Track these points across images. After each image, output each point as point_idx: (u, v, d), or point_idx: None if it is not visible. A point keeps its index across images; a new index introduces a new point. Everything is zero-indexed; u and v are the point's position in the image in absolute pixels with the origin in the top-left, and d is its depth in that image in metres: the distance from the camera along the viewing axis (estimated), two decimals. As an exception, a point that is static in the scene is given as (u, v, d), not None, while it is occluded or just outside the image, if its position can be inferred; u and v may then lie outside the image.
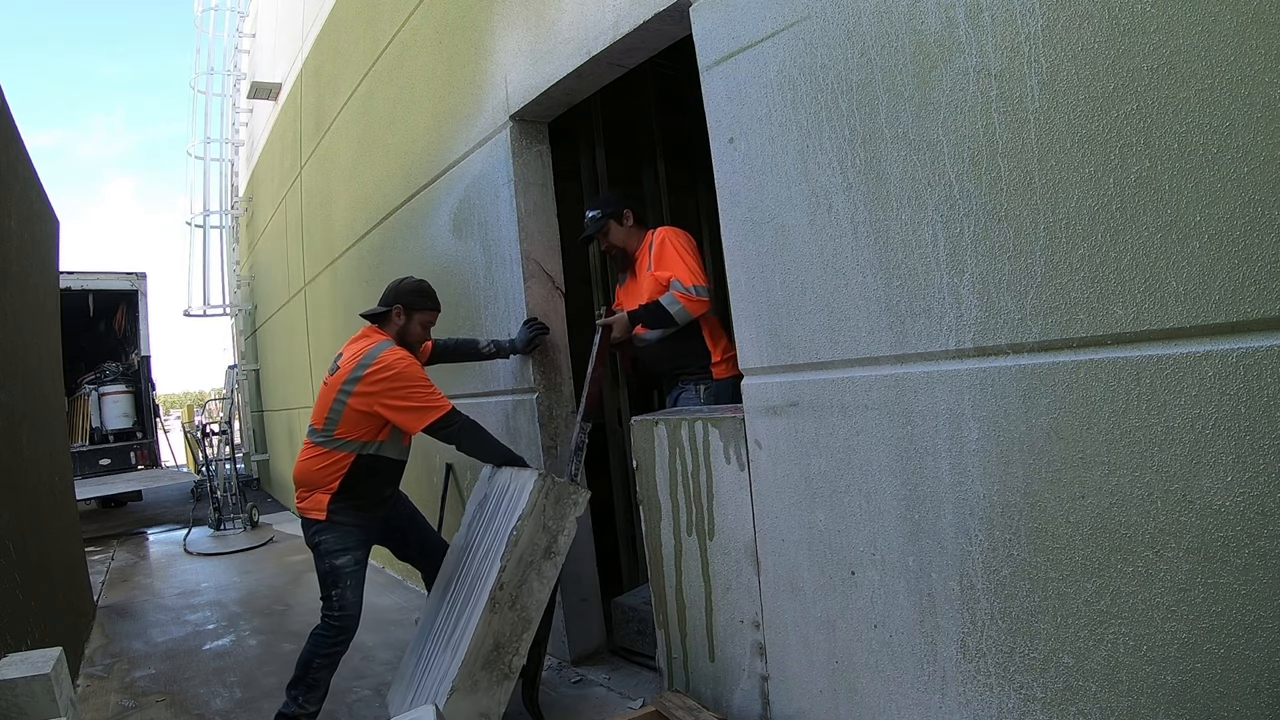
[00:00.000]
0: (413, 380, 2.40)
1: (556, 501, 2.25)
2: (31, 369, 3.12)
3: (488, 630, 2.12)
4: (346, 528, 2.43)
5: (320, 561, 2.43)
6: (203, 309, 9.55)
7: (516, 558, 2.17)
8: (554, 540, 2.24)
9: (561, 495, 2.26)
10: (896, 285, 1.57)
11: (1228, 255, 1.12)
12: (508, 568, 2.15)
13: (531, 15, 2.73)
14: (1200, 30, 1.12)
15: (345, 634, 2.39)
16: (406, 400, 2.38)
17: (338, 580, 2.39)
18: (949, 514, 1.51)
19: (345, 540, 2.42)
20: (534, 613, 2.19)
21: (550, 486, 2.24)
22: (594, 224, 2.80)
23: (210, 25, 9.41)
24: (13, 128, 3.01)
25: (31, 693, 1.42)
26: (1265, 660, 1.11)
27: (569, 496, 2.27)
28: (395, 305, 2.59)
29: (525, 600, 2.18)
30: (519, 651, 2.16)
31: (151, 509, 8.62)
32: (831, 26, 1.65)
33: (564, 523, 2.26)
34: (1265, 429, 1.09)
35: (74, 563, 3.76)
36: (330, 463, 2.44)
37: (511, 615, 2.16)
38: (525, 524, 2.19)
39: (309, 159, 5.77)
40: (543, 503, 2.22)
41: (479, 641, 2.10)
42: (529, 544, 2.19)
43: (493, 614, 2.13)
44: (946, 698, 1.55)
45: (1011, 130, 1.35)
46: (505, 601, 2.15)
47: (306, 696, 2.36)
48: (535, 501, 2.20)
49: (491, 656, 2.12)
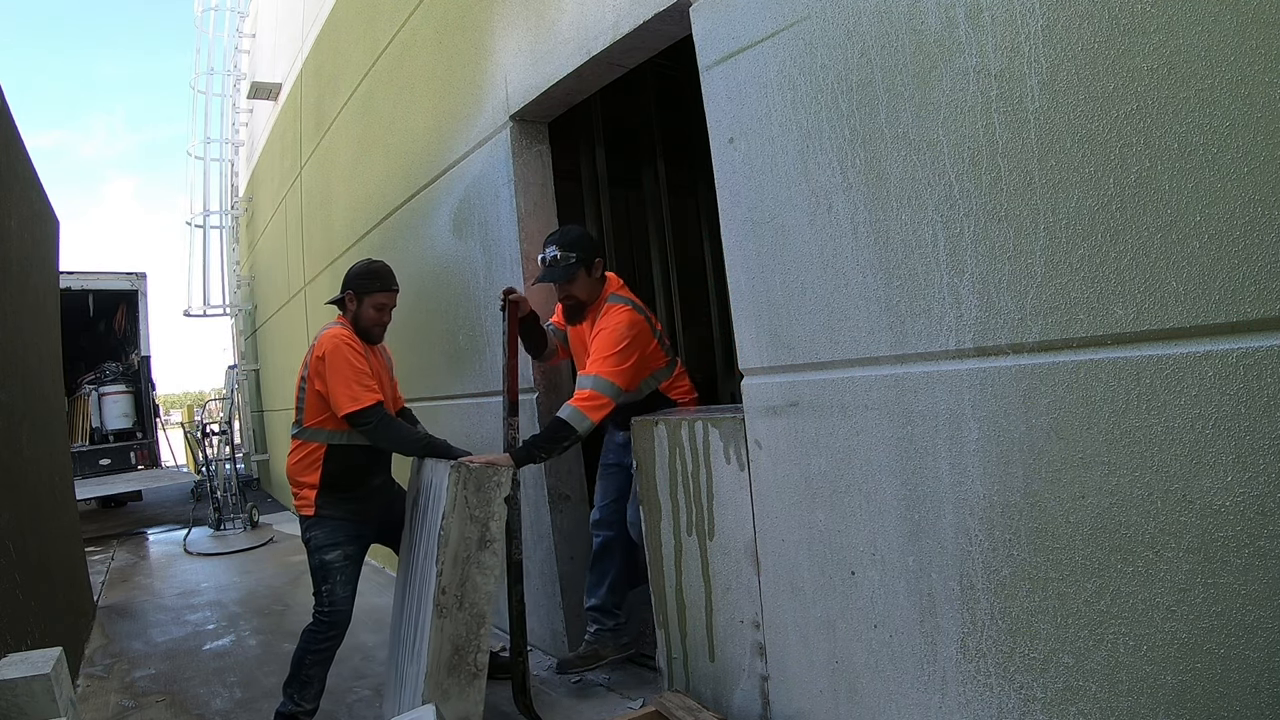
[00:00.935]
0: (339, 365, 2.34)
1: (478, 489, 2.13)
2: (31, 369, 3.12)
3: (442, 637, 2.05)
4: (336, 522, 2.41)
5: (311, 557, 2.42)
6: (203, 309, 9.55)
7: (451, 557, 2.08)
8: (486, 529, 2.13)
9: (481, 481, 2.14)
10: (896, 285, 1.57)
11: (1228, 255, 1.12)
12: (445, 570, 2.06)
13: (531, 15, 2.73)
14: (1200, 30, 1.12)
15: (335, 630, 2.38)
16: (333, 384, 2.33)
17: (327, 576, 2.38)
18: (949, 514, 1.51)
19: (334, 535, 2.40)
20: (485, 606, 2.12)
21: (466, 476, 2.12)
22: (564, 270, 2.42)
23: (210, 25, 9.41)
24: (13, 128, 3.01)
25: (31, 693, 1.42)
26: (1265, 660, 1.11)
27: (490, 480, 2.15)
28: (346, 291, 2.55)
29: (472, 597, 2.10)
30: (480, 648, 2.10)
31: (151, 509, 8.62)
32: (831, 27, 1.65)
33: (491, 508, 2.14)
34: (1265, 429, 1.09)
35: (74, 563, 3.76)
36: (306, 454, 2.43)
37: (462, 615, 2.09)
38: (450, 521, 2.09)
39: (309, 159, 5.77)
40: (463, 494, 2.11)
41: (437, 650, 2.04)
42: (460, 540, 2.10)
43: (442, 619, 2.06)
44: (946, 698, 1.55)
45: (1011, 130, 1.35)
46: (451, 604, 2.07)
47: (301, 694, 2.36)
48: (455, 495, 2.09)
49: (454, 661, 2.06)
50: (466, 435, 3.43)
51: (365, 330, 2.53)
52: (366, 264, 2.61)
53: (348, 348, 2.39)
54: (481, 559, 2.12)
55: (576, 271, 2.43)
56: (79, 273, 8.46)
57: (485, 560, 2.13)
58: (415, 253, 3.81)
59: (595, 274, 2.49)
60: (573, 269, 2.42)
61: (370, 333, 2.55)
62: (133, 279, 8.84)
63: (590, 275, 2.47)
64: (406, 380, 4.03)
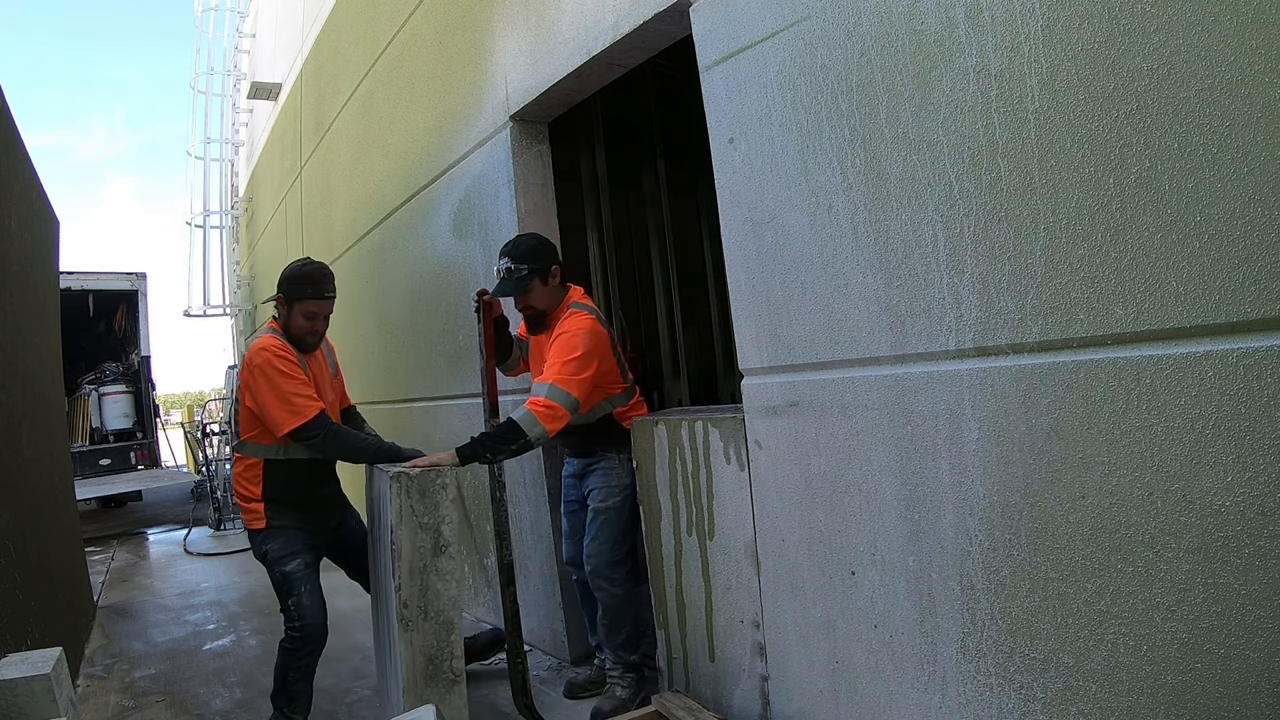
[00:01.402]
0: (271, 381, 2.18)
1: (422, 495, 2.06)
2: (31, 369, 3.12)
3: (413, 650, 2.02)
4: (290, 531, 2.31)
5: (271, 570, 2.31)
6: (203, 309, 9.54)
7: (406, 570, 2.03)
8: (438, 534, 2.07)
9: (426, 487, 2.07)
10: (896, 285, 1.57)
11: (1228, 255, 1.12)
12: (403, 585, 2.03)
13: (531, 15, 2.73)
14: (1200, 30, 1.12)
15: (311, 643, 2.28)
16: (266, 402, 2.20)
17: (291, 588, 2.27)
18: (949, 514, 1.51)
19: (291, 544, 2.30)
20: (450, 612, 2.07)
21: (408, 484, 2.05)
22: (515, 284, 2.34)
23: (210, 25, 9.40)
24: (13, 128, 3.01)
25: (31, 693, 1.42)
26: (1265, 660, 1.11)
27: (434, 484, 2.08)
28: (278, 294, 2.36)
29: (436, 605, 2.05)
30: (454, 654, 2.06)
31: (151, 509, 8.62)
32: (831, 27, 1.65)
33: (440, 512, 2.08)
34: (1265, 429, 1.09)
35: (74, 563, 3.76)
36: (244, 468, 2.33)
37: (429, 625, 2.04)
38: (400, 534, 2.04)
39: (309, 159, 5.77)
40: (408, 503, 2.05)
41: (410, 663, 2.02)
42: (413, 551, 2.05)
43: (409, 633, 2.02)
44: (946, 698, 1.55)
45: (1011, 130, 1.35)
46: (416, 617, 2.03)
47: (292, 706, 2.31)
48: (400, 506, 2.04)
49: (429, 672, 2.03)
50: (467, 435, 3.43)
51: (297, 340, 2.34)
52: (299, 266, 2.38)
53: (279, 359, 2.22)
54: (439, 565, 2.06)
55: (530, 283, 2.35)
56: (79, 273, 8.45)
57: (443, 566, 2.06)
58: (415, 253, 3.81)
59: (552, 282, 2.40)
60: (525, 281, 2.34)
61: (302, 342, 2.35)
62: (133, 279, 8.84)
63: (546, 284, 2.38)
64: (407, 380, 4.04)
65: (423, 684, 2.02)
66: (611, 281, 3.96)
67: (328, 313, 2.40)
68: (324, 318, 2.39)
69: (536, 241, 2.44)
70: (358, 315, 4.67)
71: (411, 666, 2.02)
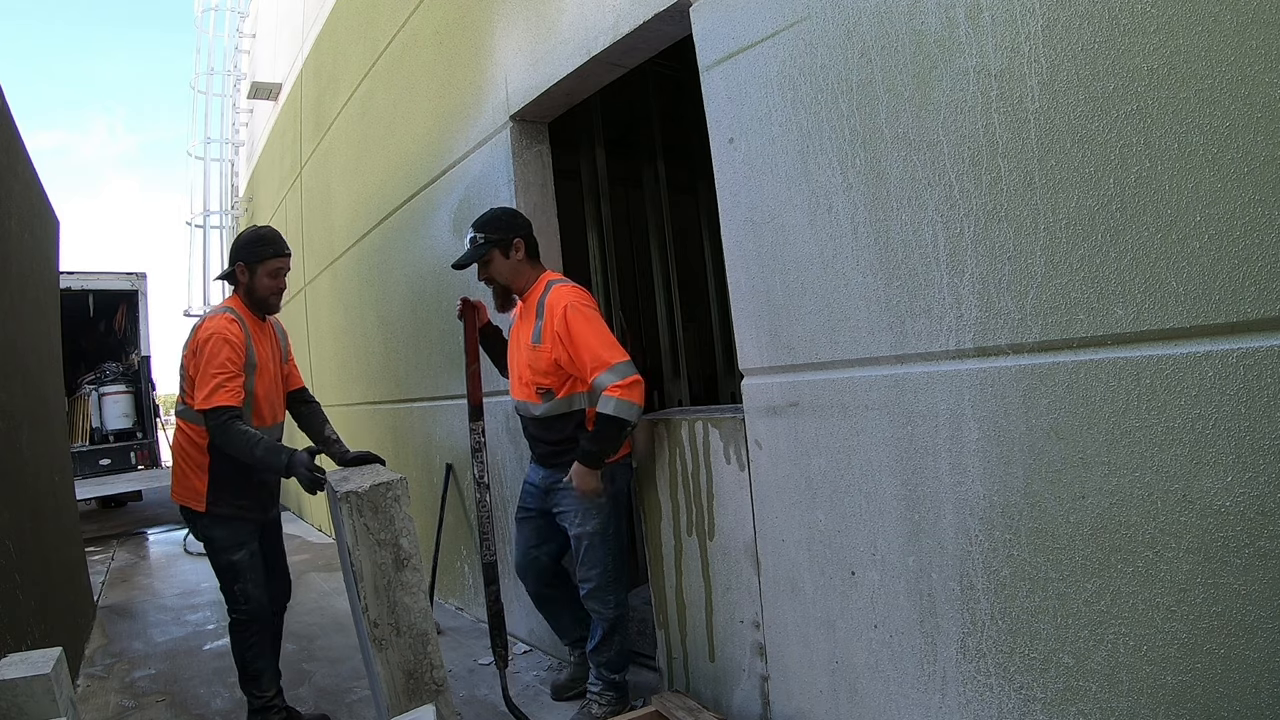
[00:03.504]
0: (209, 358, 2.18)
1: (375, 512, 2.00)
2: (31, 369, 3.12)
3: (390, 668, 2.00)
4: (233, 522, 2.32)
5: (216, 556, 2.33)
6: (203, 309, 9.54)
7: (371, 589, 1.99)
8: (398, 548, 2.02)
9: (378, 503, 2.01)
10: (896, 285, 1.57)
11: (1228, 255, 1.12)
12: (369, 606, 1.99)
13: (531, 15, 2.73)
14: (1200, 30, 1.12)
15: (259, 622, 2.35)
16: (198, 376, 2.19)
17: (238, 576, 2.32)
18: (949, 514, 1.51)
19: (237, 535, 2.32)
20: (423, 624, 2.03)
21: (358, 502, 1.99)
22: (473, 253, 2.30)
23: (210, 25, 9.40)
24: (13, 128, 3.01)
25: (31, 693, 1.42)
26: (1265, 660, 1.11)
27: (385, 497, 2.02)
28: (236, 264, 2.36)
29: (407, 619, 2.01)
30: (434, 664, 2.02)
31: (151, 509, 8.61)
32: (831, 27, 1.65)
33: (396, 525, 2.02)
34: (1265, 429, 1.09)
35: (74, 563, 3.75)
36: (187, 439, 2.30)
37: (403, 641, 2.00)
38: (358, 554, 2.00)
39: (309, 159, 5.77)
40: (360, 522, 2.00)
41: (390, 680, 2.00)
42: (374, 569, 2.01)
43: (384, 652, 1.99)
44: (946, 698, 1.55)
45: (1011, 130, 1.35)
46: (388, 634, 2.00)
47: (260, 686, 2.36)
48: (353, 526, 1.99)
49: (410, 686, 2.00)
50: (467, 435, 3.44)
51: (262, 300, 2.36)
52: (253, 232, 2.40)
53: (224, 343, 2.21)
54: (403, 579, 2.01)
55: (488, 252, 2.29)
56: (79, 273, 8.46)
57: (407, 579, 2.02)
58: (415, 253, 3.81)
59: (514, 255, 2.30)
60: (482, 249, 2.29)
61: (268, 302, 2.38)
62: (133, 279, 8.85)
63: (508, 257, 2.30)
64: (407, 380, 4.04)
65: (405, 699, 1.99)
66: (611, 281, 3.96)
67: (288, 269, 2.43)
68: (284, 274, 2.41)
69: (502, 212, 2.38)
70: (359, 315, 4.67)
71: (392, 684, 2.00)
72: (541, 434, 2.34)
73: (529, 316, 2.30)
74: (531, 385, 2.28)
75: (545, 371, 2.23)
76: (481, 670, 2.89)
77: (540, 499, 2.43)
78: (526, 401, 2.33)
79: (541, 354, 2.22)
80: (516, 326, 2.39)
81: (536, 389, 2.27)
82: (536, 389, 2.27)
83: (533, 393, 2.29)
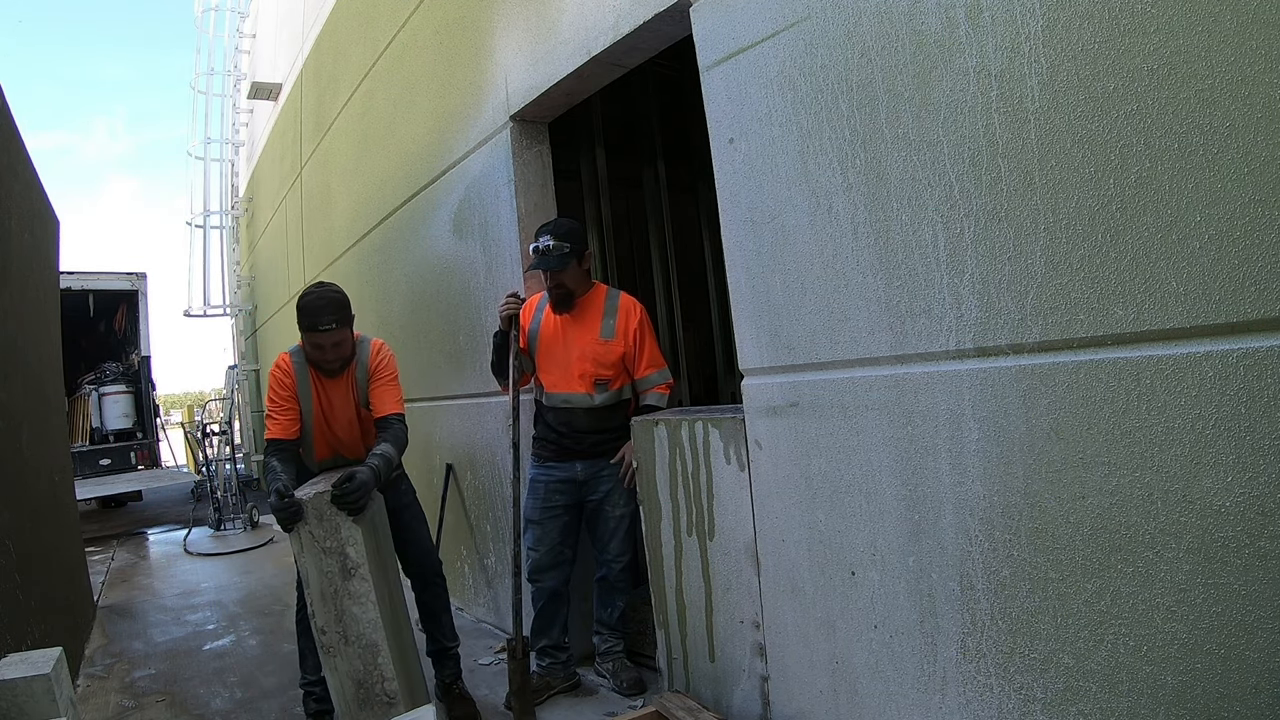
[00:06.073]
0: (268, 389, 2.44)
1: (319, 520, 1.99)
2: (31, 369, 3.12)
3: (340, 677, 1.99)
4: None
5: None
6: (203, 309, 9.54)
7: (317, 596, 1.99)
8: (344, 557, 2.00)
9: (322, 510, 1.99)
10: (896, 285, 1.57)
11: (1228, 255, 1.12)
12: (316, 613, 1.99)
13: (531, 15, 2.73)
14: (1200, 30, 1.12)
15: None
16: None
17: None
18: (949, 514, 1.51)
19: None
20: (372, 634, 2.00)
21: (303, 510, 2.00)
22: (558, 259, 2.43)
23: (210, 25, 9.41)
24: (13, 128, 3.01)
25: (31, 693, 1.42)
26: (1265, 660, 1.11)
27: (329, 506, 2.00)
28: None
29: (356, 629, 1.99)
30: (385, 676, 2.01)
31: (151, 509, 8.62)
32: (832, 27, 1.65)
33: (341, 534, 2.00)
34: (1265, 429, 1.09)
35: (74, 563, 3.76)
36: None
37: (351, 650, 1.99)
38: (303, 561, 1.99)
39: (309, 159, 5.77)
40: (305, 530, 1.99)
41: (340, 690, 1.99)
42: (320, 578, 1.99)
43: (333, 659, 1.99)
44: (946, 698, 1.55)
45: (1011, 130, 1.35)
46: (335, 643, 1.99)
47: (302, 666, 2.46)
48: (298, 533, 1.99)
49: (361, 697, 1.99)
50: (467, 435, 3.44)
51: (313, 364, 2.37)
52: (301, 295, 2.31)
53: (272, 378, 2.39)
54: (350, 589, 1.99)
55: (570, 261, 2.47)
56: (79, 273, 8.45)
57: (355, 589, 2.00)
58: (415, 253, 3.82)
59: (585, 265, 2.55)
60: (566, 258, 2.45)
61: (318, 366, 2.36)
62: (133, 279, 8.84)
63: (581, 266, 2.52)
64: (406, 380, 4.03)
65: (356, 708, 1.99)
66: (612, 282, 3.96)
67: (333, 342, 2.28)
68: (330, 347, 2.28)
69: (577, 225, 2.58)
70: (358, 316, 4.66)
71: (342, 693, 1.99)
72: (595, 424, 2.54)
73: (591, 315, 2.55)
74: (591, 378, 2.51)
75: (611, 364, 2.50)
76: (481, 670, 2.89)
77: (575, 492, 2.57)
78: (581, 393, 2.52)
79: (613, 348, 2.50)
80: (563, 325, 2.55)
81: (596, 381, 2.51)
82: (596, 381, 2.51)
83: (590, 384, 2.51)
